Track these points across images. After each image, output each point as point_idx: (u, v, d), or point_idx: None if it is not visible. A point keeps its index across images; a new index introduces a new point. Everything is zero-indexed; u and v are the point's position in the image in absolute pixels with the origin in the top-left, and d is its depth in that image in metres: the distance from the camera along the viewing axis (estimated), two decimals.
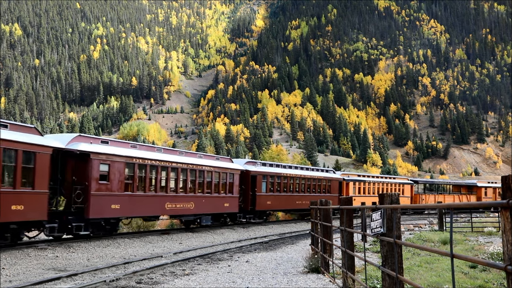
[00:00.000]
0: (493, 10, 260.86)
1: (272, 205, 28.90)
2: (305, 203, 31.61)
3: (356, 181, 38.24)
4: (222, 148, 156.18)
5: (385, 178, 43.20)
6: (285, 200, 30.25)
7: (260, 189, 27.65)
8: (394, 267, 5.02)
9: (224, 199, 24.53)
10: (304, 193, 32.27)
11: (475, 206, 3.32)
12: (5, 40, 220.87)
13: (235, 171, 25.74)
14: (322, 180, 34.47)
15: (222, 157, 26.40)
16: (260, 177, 27.82)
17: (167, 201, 20.76)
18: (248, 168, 27.26)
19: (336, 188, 35.86)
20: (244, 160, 28.76)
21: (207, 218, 23.43)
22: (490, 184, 51.53)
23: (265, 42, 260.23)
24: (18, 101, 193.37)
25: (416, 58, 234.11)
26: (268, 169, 29.31)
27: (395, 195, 5.37)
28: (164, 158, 20.77)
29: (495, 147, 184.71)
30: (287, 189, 30.69)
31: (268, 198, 28.35)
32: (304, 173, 32.81)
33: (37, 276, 10.69)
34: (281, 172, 30.28)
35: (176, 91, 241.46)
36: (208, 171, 23.56)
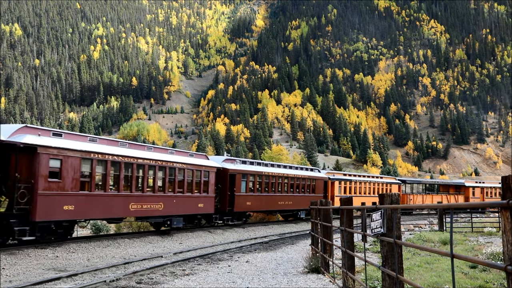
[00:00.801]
0: (493, 10, 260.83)
1: (252, 205, 26.86)
2: (288, 204, 30.31)
3: (342, 181, 36.86)
4: (222, 148, 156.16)
5: (372, 177, 41.86)
6: (266, 200, 28.31)
7: (239, 189, 25.72)
8: (394, 267, 5.02)
9: (198, 199, 22.51)
10: (287, 193, 30.47)
11: (475, 206, 3.29)
12: (5, 40, 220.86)
13: (211, 169, 23.63)
14: (307, 179, 32.72)
15: (196, 153, 24.37)
16: (239, 175, 25.85)
17: (132, 201, 18.59)
18: (226, 166, 25.25)
19: (321, 187, 34.29)
20: (222, 158, 26.61)
21: (178, 220, 21.33)
22: (478, 184, 50.67)
23: (265, 42, 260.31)
24: (18, 101, 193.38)
25: (416, 58, 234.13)
26: (248, 167, 27.25)
27: (395, 195, 5.37)
28: (129, 154, 18.58)
29: (495, 147, 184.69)
30: (268, 189, 28.65)
31: (248, 198, 26.37)
32: (287, 172, 30.96)
33: (37, 276, 10.69)
34: (262, 171, 28.33)
35: (176, 91, 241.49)
36: (180, 168, 21.42)
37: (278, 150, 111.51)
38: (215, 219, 24.32)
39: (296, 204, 31.31)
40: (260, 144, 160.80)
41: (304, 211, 32.65)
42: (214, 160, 25.57)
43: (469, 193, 48.28)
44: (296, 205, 31.31)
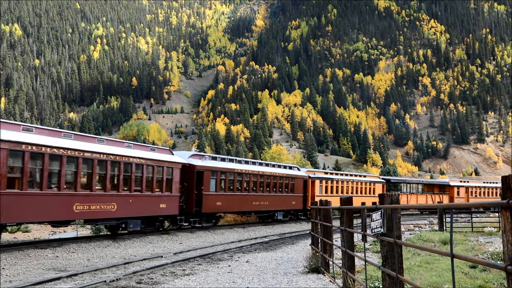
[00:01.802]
0: (493, 10, 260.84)
1: (222, 206, 24.52)
2: (264, 204, 27.97)
3: (323, 179, 34.78)
4: (222, 148, 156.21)
5: (356, 176, 39.99)
6: (239, 200, 25.93)
7: (208, 188, 23.43)
8: (394, 267, 5.02)
9: (159, 199, 20.09)
10: (263, 192, 28.03)
11: (475, 206, 3.27)
12: (5, 40, 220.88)
13: (175, 165, 21.18)
14: (284, 177, 30.37)
15: (159, 147, 21.78)
16: (208, 173, 23.47)
17: (77, 201, 15.93)
18: (192, 162, 22.86)
19: (301, 187, 32.11)
20: (189, 153, 24.25)
21: (135, 223, 18.94)
22: (462, 184, 49.78)
23: (265, 42, 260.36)
24: (18, 101, 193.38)
25: (416, 58, 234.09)
26: (219, 164, 24.83)
27: (395, 195, 5.37)
28: (73, 146, 15.93)
29: (495, 147, 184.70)
30: (241, 188, 26.29)
31: (218, 198, 24.12)
32: (263, 170, 28.58)
33: (37, 276, 10.69)
34: (235, 168, 25.83)
35: (176, 91, 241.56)
36: (138, 164, 18.88)
37: (278, 150, 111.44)
38: (180, 221, 21.95)
39: (273, 204, 29.11)
40: (260, 144, 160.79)
41: (281, 212, 30.52)
42: (179, 155, 23.16)
43: (453, 192, 47.35)
44: (273, 206, 29.10)
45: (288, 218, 31.45)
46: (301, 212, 33.35)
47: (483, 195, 49.32)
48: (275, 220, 30.23)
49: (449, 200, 47.14)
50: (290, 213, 31.99)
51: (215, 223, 24.93)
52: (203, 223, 23.66)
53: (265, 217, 30.42)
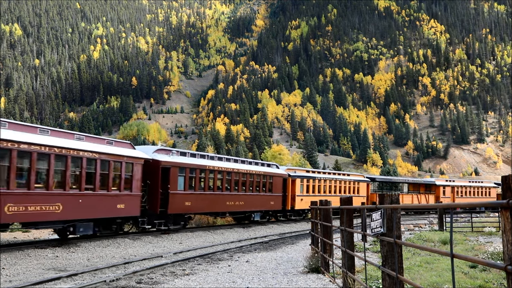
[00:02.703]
0: (493, 10, 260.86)
1: (192, 206, 22.34)
2: (239, 204, 25.70)
3: (304, 178, 32.74)
4: (222, 148, 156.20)
5: (339, 175, 38.28)
6: (211, 200, 23.77)
7: (175, 186, 21.17)
8: (394, 267, 5.02)
9: (116, 198, 17.82)
10: (238, 191, 25.76)
11: (475, 206, 3.28)
12: (5, 40, 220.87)
13: (136, 161, 18.81)
14: (262, 176, 28.09)
15: (118, 141, 19.32)
16: (175, 169, 21.23)
17: (9, 201, 13.72)
18: (157, 158, 20.61)
19: (280, 185, 29.97)
20: (154, 147, 22.10)
21: (86, 226, 16.65)
22: (448, 183, 48.81)
23: (265, 42, 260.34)
24: (18, 101, 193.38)
25: (416, 58, 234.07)
26: (188, 160, 22.60)
27: (395, 195, 5.37)
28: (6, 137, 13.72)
29: (495, 147, 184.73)
30: (214, 186, 23.98)
31: (187, 197, 21.92)
32: (239, 167, 26.28)
33: (37, 276, 10.69)
34: (207, 165, 23.51)
35: (176, 91, 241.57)
36: (89, 158, 16.52)
37: (278, 149, 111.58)
38: (142, 223, 19.72)
39: (249, 205, 26.77)
40: (260, 144, 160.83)
41: (259, 213, 28.15)
42: (143, 150, 20.96)
43: (439, 192, 46.43)
44: (249, 206, 26.76)
45: (266, 220, 29.31)
46: (280, 213, 31.27)
47: (469, 195, 48.58)
48: (252, 221, 27.94)
49: (435, 199, 46.25)
50: (269, 214, 29.75)
51: (184, 225, 22.54)
52: (170, 225, 21.38)
53: (241, 218, 28.07)
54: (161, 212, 20.66)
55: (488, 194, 50.36)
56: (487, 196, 49.98)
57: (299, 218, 32.90)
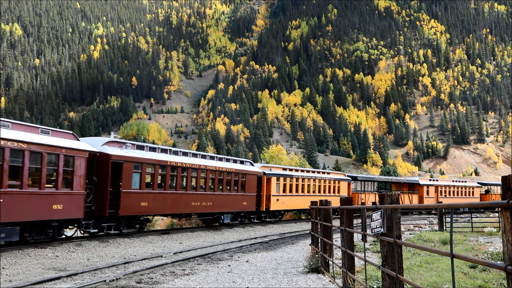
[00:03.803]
0: (493, 10, 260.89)
1: (149, 207, 19.68)
2: (206, 205, 23.20)
3: (281, 176, 30.38)
4: (222, 148, 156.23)
5: (318, 173, 36.14)
6: (173, 200, 21.11)
7: (129, 184, 18.53)
8: (394, 267, 5.02)
9: (52, 198, 15.17)
10: (206, 191, 23.22)
11: (475, 206, 3.28)
12: (5, 40, 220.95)
13: (78, 153, 16.04)
14: (233, 173, 25.45)
15: (57, 130, 16.35)
16: (130, 165, 18.48)
17: None
18: (107, 151, 17.85)
19: (254, 184, 27.30)
20: (104, 139, 19.18)
21: (10, 231, 13.91)
22: (432, 182, 47.77)
23: (265, 42, 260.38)
24: (18, 100, 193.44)
25: (416, 58, 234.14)
26: (145, 155, 19.84)
27: (395, 195, 5.37)
28: None
29: (495, 147, 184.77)
30: (177, 185, 21.39)
31: (144, 197, 19.23)
32: (206, 163, 23.57)
33: (37, 276, 10.69)
34: (168, 160, 20.85)
35: (176, 91, 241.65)
36: (14, 149, 13.83)
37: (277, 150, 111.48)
38: (86, 226, 17.07)
39: (218, 205, 24.21)
40: (260, 144, 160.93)
41: (229, 214, 25.24)
42: (90, 142, 17.98)
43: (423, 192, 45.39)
44: (218, 207, 24.18)
45: (238, 222, 26.45)
46: (254, 214, 28.28)
47: (453, 195, 47.90)
48: (222, 224, 25.16)
49: (419, 199, 45.31)
50: (241, 216, 26.82)
51: (139, 228, 19.89)
52: (122, 229, 18.63)
53: (210, 220, 25.21)
54: (111, 214, 17.93)
55: (472, 194, 49.78)
56: (471, 196, 49.43)
57: (275, 220, 30.30)
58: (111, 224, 18.10)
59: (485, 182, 57.10)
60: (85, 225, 17.08)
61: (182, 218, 23.91)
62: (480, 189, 51.80)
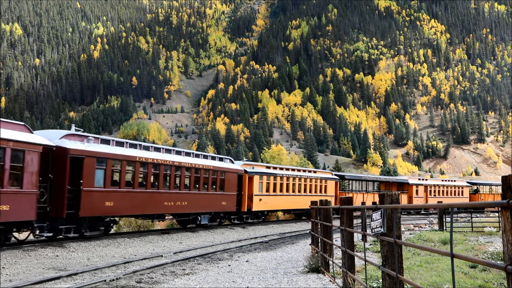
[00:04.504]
0: (493, 10, 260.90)
1: (116, 207, 17.90)
2: (181, 205, 21.44)
3: (264, 175, 28.64)
4: (222, 148, 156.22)
5: (304, 172, 34.45)
6: (143, 200, 19.40)
7: (91, 181, 16.78)
8: (394, 267, 5.02)
9: None
10: (180, 189, 21.48)
11: (475, 206, 3.28)
12: (5, 39, 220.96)
13: (30, 147, 14.33)
14: (211, 171, 23.70)
15: (8, 121, 14.61)
16: (92, 161, 16.75)
17: None
18: (65, 145, 15.95)
19: (234, 183, 25.60)
20: (62, 132, 17.23)
21: None
22: (421, 182, 46.96)
23: (265, 42, 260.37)
24: (19, 100, 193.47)
25: (416, 58, 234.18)
26: (111, 150, 18.05)
27: (395, 194, 5.37)
28: None
29: (495, 147, 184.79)
30: (147, 182, 19.65)
31: (109, 196, 17.55)
32: (181, 160, 21.76)
33: (37, 276, 10.69)
34: (137, 156, 19.03)
35: (177, 91, 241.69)
36: None
37: (277, 150, 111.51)
38: (40, 229, 15.15)
39: (195, 205, 22.50)
40: (260, 144, 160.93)
41: (207, 215, 23.51)
42: (45, 135, 16.10)
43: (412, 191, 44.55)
44: (194, 207, 22.47)
45: (216, 223, 24.69)
46: (234, 215, 26.62)
47: (442, 194, 47.32)
48: (199, 225, 23.38)
49: (408, 199, 44.54)
50: (220, 217, 25.11)
51: (105, 231, 18.01)
52: (84, 232, 16.86)
53: (186, 221, 23.47)
54: (70, 215, 16.02)
55: (461, 193, 49.37)
56: (460, 196, 49.04)
57: (257, 221, 28.45)
58: (70, 227, 16.27)
59: (475, 182, 56.66)
60: (39, 228, 15.13)
61: (154, 219, 21.94)
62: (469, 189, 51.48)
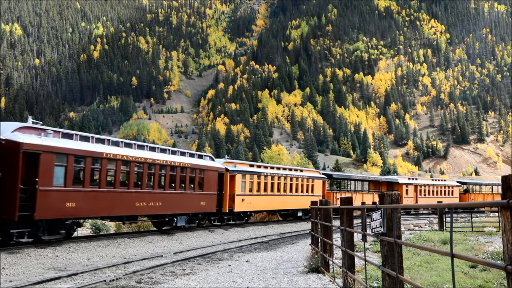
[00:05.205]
0: (493, 10, 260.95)
1: (79, 208, 16.07)
2: (155, 206, 19.65)
3: (247, 174, 26.90)
4: (222, 148, 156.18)
5: (290, 170, 32.81)
6: (111, 200, 17.61)
7: (50, 180, 15.07)
8: (394, 266, 5.02)
9: None
10: (154, 188, 19.73)
11: (475, 206, 3.27)
12: (5, 39, 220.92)
13: None
14: (189, 169, 21.91)
15: None
16: (50, 157, 15.09)
17: None
18: (17, 139, 14.35)
19: (214, 182, 23.84)
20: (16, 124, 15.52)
21: None
22: (411, 181, 46.01)
23: (265, 42, 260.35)
24: (18, 100, 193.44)
25: (416, 58, 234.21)
26: (74, 145, 16.15)
27: (395, 194, 5.37)
28: None
29: (495, 147, 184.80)
30: (116, 181, 17.84)
31: (71, 196, 15.74)
32: (154, 157, 19.99)
33: (37, 276, 10.69)
34: (104, 152, 17.24)
35: (177, 91, 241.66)
36: None
37: (277, 150, 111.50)
38: None
39: (170, 206, 20.84)
40: (260, 144, 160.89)
41: (184, 216, 21.79)
42: None
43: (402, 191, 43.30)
44: (169, 208, 20.79)
45: (195, 225, 22.92)
46: (215, 216, 24.81)
47: (432, 194, 46.74)
48: (175, 227, 21.59)
49: None
50: (198, 218, 23.19)
51: (66, 234, 16.26)
52: (42, 236, 15.10)
53: (161, 223, 21.65)
54: (24, 218, 14.30)
55: (451, 193, 48.80)
56: (450, 195, 48.52)
57: (240, 223, 26.62)
58: (24, 231, 14.42)
59: (465, 181, 56.33)
60: None
61: (124, 221, 19.90)
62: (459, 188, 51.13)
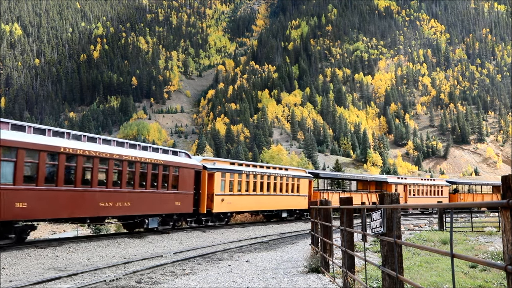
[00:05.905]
0: (493, 10, 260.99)
1: (31, 209, 14.26)
2: (123, 206, 18.10)
3: (227, 172, 25.18)
4: (222, 148, 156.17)
5: (274, 169, 30.67)
6: (70, 200, 15.88)
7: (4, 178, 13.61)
8: (394, 266, 5.02)
9: None
10: (121, 187, 18.04)
11: (475, 206, 3.25)
12: (5, 39, 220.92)
13: None
14: (161, 166, 20.18)
15: None
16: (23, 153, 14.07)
17: None
18: None
19: (190, 180, 22.22)
20: None
21: None
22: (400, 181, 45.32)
23: (265, 42, 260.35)
24: (18, 100, 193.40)
25: (416, 58, 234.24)
26: (23, 138, 14.20)
27: (395, 195, 5.37)
28: None
29: (495, 147, 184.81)
30: (76, 179, 16.07)
31: (21, 195, 13.95)
32: (122, 152, 18.25)
33: (37, 276, 10.69)
34: (62, 147, 15.48)
35: (176, 91, 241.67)
36: None
37: (277, 150, 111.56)
38: None
39: (141, 206, 19.11)
40: (260, 144, 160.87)
41: (156, 217, 20.19)
42: None
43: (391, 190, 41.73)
44: (140, 208, 19.08)
45: (170, 227, 21.47)
46: (191, 217, 23.17)
47: (422, 194, 46.27)
48: (147, 229, 20.13)
49: None
50: (173, 219, 21.63)
51: (19, 238, 14.97)
52: None
53: (133, 225, 20.02)
54: None
55: (441, 193, 48.39)
56: (440, 195, 48.15)
57: (220, 224, 25.09)
58: None
59: (454, 181, 55.94)
60: None
61: (88, 223, 18.21)
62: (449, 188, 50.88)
